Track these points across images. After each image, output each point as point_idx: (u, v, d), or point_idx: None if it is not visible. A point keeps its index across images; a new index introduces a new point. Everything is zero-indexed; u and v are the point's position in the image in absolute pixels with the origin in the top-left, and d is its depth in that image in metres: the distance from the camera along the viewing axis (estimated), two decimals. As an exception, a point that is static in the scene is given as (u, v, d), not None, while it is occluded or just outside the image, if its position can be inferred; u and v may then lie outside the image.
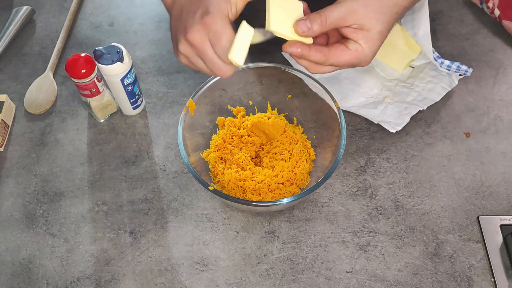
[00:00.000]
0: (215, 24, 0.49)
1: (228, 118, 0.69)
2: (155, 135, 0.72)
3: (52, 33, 0.84)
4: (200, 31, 0.50)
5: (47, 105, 0.75)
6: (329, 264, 0.60)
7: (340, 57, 0.52)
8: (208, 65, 0.52)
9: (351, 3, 0.50)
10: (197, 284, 0.59)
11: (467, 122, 0.72)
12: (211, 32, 0.50)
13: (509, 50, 0.80)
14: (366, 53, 0.52)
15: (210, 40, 0.50)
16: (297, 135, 0.68)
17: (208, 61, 0.51)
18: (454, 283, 0.59)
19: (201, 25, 0.50)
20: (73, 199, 0.66)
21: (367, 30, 0.51)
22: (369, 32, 0.51)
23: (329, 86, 0.64)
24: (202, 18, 0.50)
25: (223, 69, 0.51)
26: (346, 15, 0.50)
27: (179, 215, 0.65)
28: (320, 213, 0.64)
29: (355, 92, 0.73)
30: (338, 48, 0.52)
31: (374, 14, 0.50)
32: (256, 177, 0.63)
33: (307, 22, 0.50)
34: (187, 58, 0.53)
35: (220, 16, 0.50)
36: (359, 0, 0.50)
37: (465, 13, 0.85)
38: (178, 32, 0.52)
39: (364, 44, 0.51)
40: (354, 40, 0.51)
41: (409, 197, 0.65)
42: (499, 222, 0.62)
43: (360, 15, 0.50)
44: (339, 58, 0.52)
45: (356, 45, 0.51)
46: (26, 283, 0.60)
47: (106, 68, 0.63)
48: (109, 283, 0.60)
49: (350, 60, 0.52)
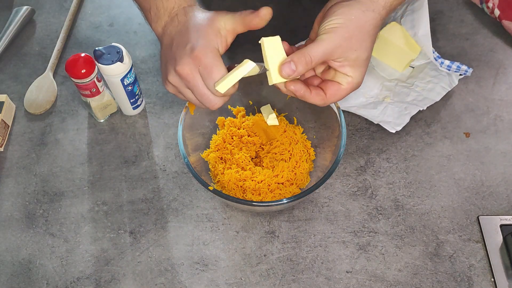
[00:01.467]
0: (205, 58, 0.50)
1: (228, 118, 0.69)
2: (155, 135, 0.72)
3: (52, 33, 0.84)
4: (190, 64, 0.51)
5: (47, 105, 0.75)
6: (329, 264, 0.60)
7: (337, 95, 0.53)
8: (198, 97, 0.53)
9: (333, 39, 0.50)
10: (197, 284, 0.59)
11: (467, 122, 0.72)
12: (201, 66, 0.50)
13: (509, 50, 0.80)
14: (357, 81, 0.53)
15: (200, 73, 0.51)
16: (297, 135, 0.68)
17: (197, 93, 0.52)
18: (454, 283, 0.59)
19: (191, 58, 0.50)
20: (73, 199, 0.66)
21: (354, 61, 0.51)
22: (356, 62, 0.52)
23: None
24: (192, 51, 0.50)
25: (213, 101, 0.53)
26: (331, 51, 0.50)
27: (179, 215, 0.65)
28: (320, 213, 0.64)
29: (355, 92, 0.73)
30: (333, 88, 0.53)
31: (357, 44, 0.51)
32: (256, 177, 0.63)
33: (292, 65, 0.50)
34: (176, 89, 0.54)
35: (210, 49, 0.51)
36: (341, 34, 0.50)
37: (465, 13, 0.85)
38: (168, 62, 0.53)
39: (354, 74, 0.52)
40: (343, 73, 0.52)
41: (409, 197, 0.65)
42: (499, 222, 0.62)
43: (344, 48, 0.50)
44: (337, 96, 0.54)
45: (347, 79, 0.52)
46: (26, 283, 0.60)
47: (106, 68, 0.63)
48: (109, 283, 0.60)
49: (346, 93, 0.54)
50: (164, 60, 0.55)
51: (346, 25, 0.50)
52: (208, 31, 0.52)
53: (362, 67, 0.52)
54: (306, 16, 0.84)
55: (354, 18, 0.50)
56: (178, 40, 0.53)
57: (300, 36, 0.78)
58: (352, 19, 0.50)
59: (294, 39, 0.78)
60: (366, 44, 0.51)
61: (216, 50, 0.51)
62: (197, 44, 0.51)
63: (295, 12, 0.84)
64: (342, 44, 0.50)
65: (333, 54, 0.50)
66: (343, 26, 0.50)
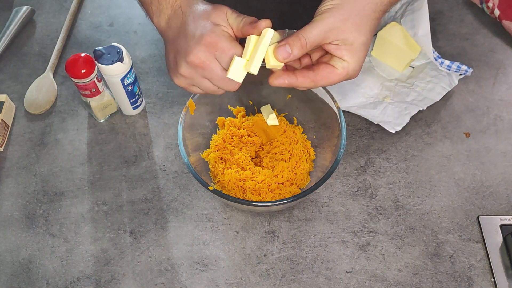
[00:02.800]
0: (221, 42, 0.49)
1: (228, 118, 0.69)
2: (155, 135, 0.72)
3: (52, 33, 0.84)
4: (204, 51, 0.49)
5: (47, 105, 0.75)
6: (329, 264, 0.60)
7: (329, 78, 0.51)
8: (217, 82, 0.52)
9: (328, 20, 0.48)
10: (197, 284, 0.59)
11: (467, 122, 0.72)
12: (218, 50, 0.49)
13: (509, 50, 0.80)
14: (353, 67, 0.51)
15: (217, 58, 0.50)
16: (297, 135, 0.68)
17: (217, 79, 0.51)
18: (454, 283, 0.59)
19: (204, 45, 0.49)
20: (73, 199, 0.66)
21: (350, 44, 0.49)
22: (353, 46, 0.49)
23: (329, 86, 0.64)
24: (203, 38, 0.49)
25: (234, 83, 0.51)
26: (326, 33, 0.49)
27: (179, 215, 0.65)
28: (320, 213, 0.64)
29: (355, 92, 0.73)
30: (325, 70, 0.51)
31: (354, 27, 0.49)
32: (256, 177, 0.63)
33: (287, 48, 0.49)
34: (189, 81, 0.53)
35: (222, 33, 0.50)
36: (337, 15, 0.48)
37: (465, 13, 0.85)
38: (178, 55, 0.52)
39: (350, 59, 0.50)
40: (339, 57, 0.50)
41: (409, 197, 0.65)
42: (499, 222, 0.62)
43: (340, 30, 0.49)
44: (328, 80, 0.51)
45: (343, 63, 0.50)
46: (26, 283, 0.60)
47: (106, 68, 0.63)
48: (109, 283, 0.60)
49: (339, 79, 0.51)
50: (171, 54, 0.53)
51: (342, 6, 0.48)
52: (216, 17, 0.51)
53: (360, 52, 0.50)
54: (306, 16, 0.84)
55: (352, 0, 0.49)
56: (184, 30, 0.51)
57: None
58: (349, 0, 0.48)
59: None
60: (364, 27, 0.49)
61: (227, 33, 0.50)
62: (206, 30, 0.49)
63: (295, 12, 0.84)
64: (338, 25, 0.48)
65: (329, 36, 0.49)
66: (339, 8, 0.48)
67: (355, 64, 0.50)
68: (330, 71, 0.51)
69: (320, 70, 0.51)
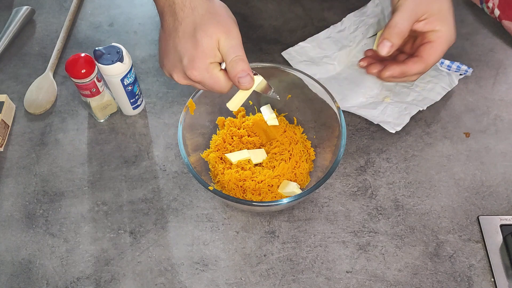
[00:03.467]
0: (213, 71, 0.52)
1: (228, 118, 0.69)
2: (155, 135, 0.72)
3: (52, 33, 0.84)
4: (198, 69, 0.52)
5: (47, 105, 0.75)
6: (329, 264, 0.60)
7: (435, 54, 0.53)
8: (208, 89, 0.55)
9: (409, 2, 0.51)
10: (197, 284, 0.59)
11: (467, 122, 0.72)
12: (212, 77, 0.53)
13: (509, 50, 0.80)
14: (449, 33, 0.52)
15: None
16: (297, 135, 0.68)
17: (208, 88, 0.54)
18: (454, 283, 0.59)
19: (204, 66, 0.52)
20: (73, 199, 0.66)
21: (438, 13, 0.51)
22: (441, 13, 0.52)
23: (329, 86, 0.64)
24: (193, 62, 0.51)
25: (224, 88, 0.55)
26: (414, 12, 0.51)
27: (179, 215, 0.65)
28: (320, 213, 0.64)
29: (355, 92, 0.73)
30: (427, 48, 0.53)
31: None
32: (256, 177, 0.63)
33: (386, 42, 0.51)
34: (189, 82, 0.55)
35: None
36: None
37: (465, 13, 0.85)
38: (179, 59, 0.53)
39: (442, 27, 0.52)
40: (431, 31, 0.52)
41: (409, 197, 0.65)
42: (499, 222, 0.62)
43: (425, 3, 0.51)
44: (435, 55, 0.53)
45: (437, 33, 0.52)
46: (26, 283, 0.60)
47: (106, 68, 0.63)
48: (109, 283, 0.60)
49: (442, 48, 0.53)
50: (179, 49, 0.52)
51: None
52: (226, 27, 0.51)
53: (448, 16, 0.52)
54: (306, 16, 0.84)
55: None
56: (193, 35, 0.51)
57: (300, 36, 0.78)
58: None
59: (294, 39, 0.78)
60: None
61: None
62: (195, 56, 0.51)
63: (295, 12, 0.84)
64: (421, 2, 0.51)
65: (417, 13, 0.51)
66: None
67: (449, 28, 0.53)
68: (431, 46, 0.53)
69: (423, 53, 0.53)
